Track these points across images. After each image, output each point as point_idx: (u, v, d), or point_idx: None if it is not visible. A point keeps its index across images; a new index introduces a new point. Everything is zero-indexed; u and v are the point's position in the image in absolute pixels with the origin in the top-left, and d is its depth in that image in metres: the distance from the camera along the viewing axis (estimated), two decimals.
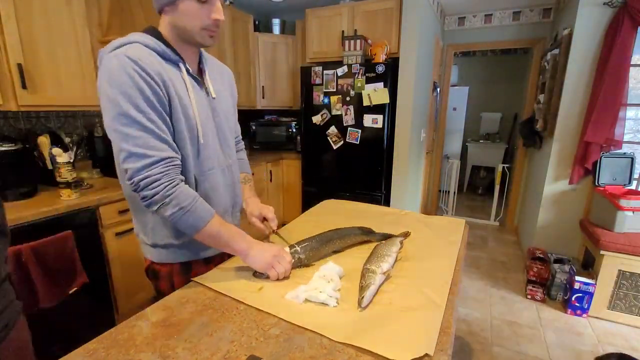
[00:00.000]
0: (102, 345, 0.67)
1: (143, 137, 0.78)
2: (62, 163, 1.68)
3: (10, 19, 1.55)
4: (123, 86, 0.76)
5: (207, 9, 0.83)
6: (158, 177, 0.79)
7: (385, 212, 1.51)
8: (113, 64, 0.77)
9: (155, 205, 0.80)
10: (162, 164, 0.80)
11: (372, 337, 0.68)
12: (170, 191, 0.80)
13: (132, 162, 0.78)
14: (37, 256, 1.49)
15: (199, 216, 0.83)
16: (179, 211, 0.81)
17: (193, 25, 0.84)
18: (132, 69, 0.76)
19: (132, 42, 0.82)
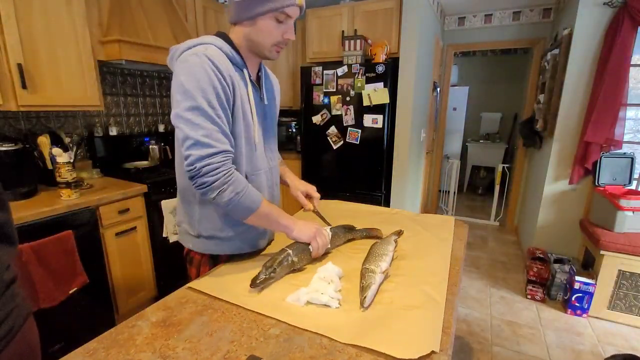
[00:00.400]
0: (102, 345, 0.67)
1: (210, 129, 0.84)
2: (62, 163, 1.68)
3: (10, 19, 1.55)
4: (200, 82, 0.83)
5: (282, 28, 0.91)
6: (219, 166, 0.85)
7: (376, 211, 1.51)
8: (194, 60, 0.84)
9: (214, 192, 0.86)
10: (222, 154, 0.86)
11: (377, 336, 0.68)
12: (229, 178, 0.86)
13: (197, 150, 0.83)
14: (38, 256, 1.49)
15: (253, 199, 0.91)
16: (235, 196, 0.87)
17: (266, 42, 0.92)
18: (210, 67, 0.84)
19: (209, 43, 0.89)
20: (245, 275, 0.92)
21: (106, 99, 2.33)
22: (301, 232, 0.98)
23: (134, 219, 1.96)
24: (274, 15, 0.88)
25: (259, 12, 0.88)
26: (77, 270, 1.65)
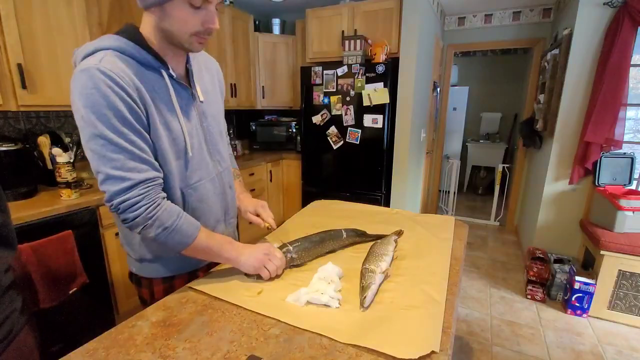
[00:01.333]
0: (102, 345, 0.67)
1: (120, 159, 0.72)
2: (62, 163, 1.68)
3: (10, 19, 1.55)
4: (97, 106, 0.69)
5: (200, 15, 0.74)
6: (138, 200, 0.74)
7: (376, 211, 1.51)
8: (85, 80, 0.69)
9: (138, 228, 0.76)
10: (141, 186, 0.75)
11: (377, 336, 0.68)
12: (152, 213, 0.75)
13: (109, 185, 0.73)
14: (38, 256, 1.48)
15: (185, 234, 0.80)
16: (163, 232, 0.77)
17: (182, 32, 0.76)
18: (106, 85, 0.69)
19: (106, 48, 0.74)
20: (245, 275, 0.92)
21: None
22: (247, 263, 0.87)
23: None
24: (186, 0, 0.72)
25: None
26: (77, 270, 1.64)
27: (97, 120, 0.70)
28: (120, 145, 0.72)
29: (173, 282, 0.96)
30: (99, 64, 0.70)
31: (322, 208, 1.55)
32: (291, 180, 3.41)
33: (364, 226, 1.23)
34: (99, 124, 0.70)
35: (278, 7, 3.47)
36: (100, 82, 0.69)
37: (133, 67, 0.75)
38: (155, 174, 0.78)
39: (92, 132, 0.71)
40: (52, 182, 1.78)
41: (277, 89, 3.46)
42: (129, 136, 0.73)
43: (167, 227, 0.77)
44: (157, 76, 0.80)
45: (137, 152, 0.74)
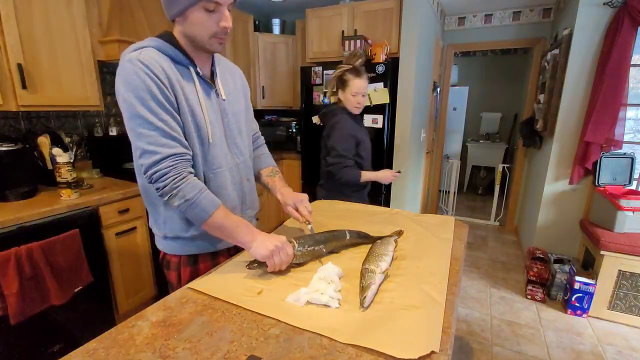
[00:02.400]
0: (102, 345, 0.67)
1: (154, 135, 0.84)
2: (62, 163, 1.68)
3: (10, 19, 1.55)
4: (136, 89, 0.83)
5: (215, 17, 0.87)
6: (166, 171, 0.85)
7: (376, 211, 1.51)
8: (127, 68, 0.83)
9: (165, 197, 0.87)
10: (170, 159, 0.85)
11: (377, 336, 0.68)
12: (178, 184, 0.86)
13: (145, 159, 0.85)
14: (46, 254, 1.50)
15: (203, 208, 0.88)
16: (184, 203, 0.87)
17: (202, 34, 0.89)
18: (143, 72, 0.83)
19: (146, 46, 0.89)
20: (245, 275, 0.93)
21: (106, 99, 2.33)
22: (257, 249, 0.90)
23: (134, 219, 1.96)
24: (202, 6, 0.84)
25: (186, 5, 0.84)
26: (84, 269, 1.66)
27: (136, 102, 0.83)
28: (154, 123, 0.84)
29: (198, 266, 1.05)
30: (139, 56, 0.84)
31: (324, 208, 1.55)
32: (291, 180, 3.41)
33: (365, 226, 1.24)
34: (137, 105, 0.83)
35: (278, 7, 3.47)
36: (139, 70, 0.83)
37: (166, 62, 0.89)
38: (183, 150, 0.89)
39: (132, 113, 0.84)
40: (52, 182, 1.78)
41: (277, 89, 3.46)
42: (162, 116, 0.85)
43: (188, 200, 0.87)
44: (186, 71, 0.93)
45: (168, 130, 0.86)
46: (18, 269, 1.41)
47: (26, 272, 1.43)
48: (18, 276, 1.40)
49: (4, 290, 1.38)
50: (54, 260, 1.53)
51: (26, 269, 1.43)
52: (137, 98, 0.83)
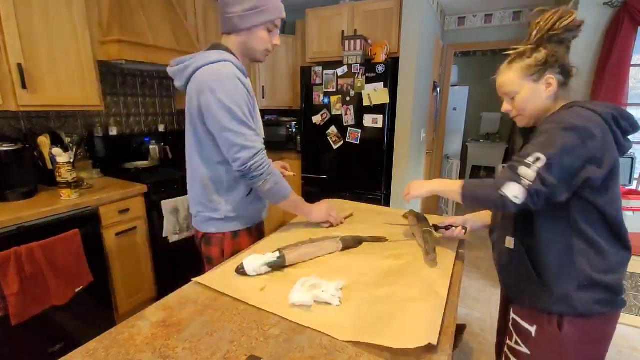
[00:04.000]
0: (102, 345, 0.67)
1: (250, 134, 1.03)
2: (62, 163, 1.68)
3: (10, 19, 1.55)
4: (236, 97, 1.01)
5: (271, 36, 1.11)
6: (262, 162, 1.05)
7: (383, 211, 1.52)
8: (227, 81, 1.00)
9: (260, 182, 1.06)
10: (262, 152, 1.06)
11: (376, 331, 0.69)
12: (270, 170, 1.07)
13: (244, 153, 1.02)
14: (47, 254, 1.50)
15: (286, 187, 1.14)
16: (275, 185, 1.09)
17: (261, 48, 1.11)
18: (239, 82, 1.02)
19: (227, 60, 1.04)
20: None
21: (106, 99, 2.33)
22: (317, 215, 1.27)
23: (134, 219, 1.96)
24: (266, 26, 1.07)
25: (255, 24, 1.05)
26: (84, 269, 1.66)
27: (237, 108, 1.01)
28: (248, 125, 1.04)
29: (239, 239, 1.21)
30: (233, 70, 1.02)
31: None
32: (291, 180, 3.39)
33: (368, 225, 1.25)
34: (238, 111, 1.01)
35: None
36: (236, 80, 1.02)
37: (241, 74, 1.06)
38: (263, 145, 1.09)
39: (232, 116, 1.00)
40: (52, 182, 1.78)
41: (277, 89, 3.46)
42: (250, 118, 1.05)
43: (278, 182, 1.10)
44: (247, 82, 1.10)
45: (256, 129, 1.07)
46: (18, 269, 1.40)
47: (26, 272, 1.43)
48: (18, 276, 1.40)
49: (5, 291, 1.38)
50: (54, 260, 1.53)
51: (26, 269, 1.43)
52: (237, 105, 1.00)
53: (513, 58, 0.93)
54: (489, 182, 0.89)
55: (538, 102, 0.92)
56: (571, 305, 0.86)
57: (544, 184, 0.79)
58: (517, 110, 0.96)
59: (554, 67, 0.88)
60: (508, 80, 0.94)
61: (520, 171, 0.81)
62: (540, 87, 0.90)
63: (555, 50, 0.88)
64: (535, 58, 0.89)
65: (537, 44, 0.90)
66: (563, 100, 0.91)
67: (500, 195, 0.83)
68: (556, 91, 0.90)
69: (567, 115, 0.83)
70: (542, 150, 0.80)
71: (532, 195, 0.80)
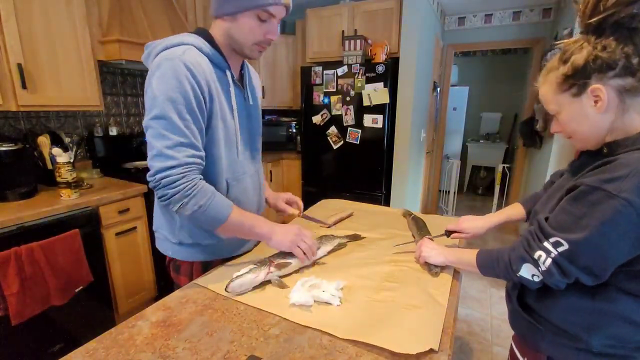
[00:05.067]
0: (102, 345, 0.67)
1: (175, 140, 0.81)
2: (62, 163, 1.68)
3: (10, 19, 1.55)
4: (172, 90, 0.79)
5: (264, 27, 0.87)
6: (178, 178, 0.81)
7: (385, 211, 1.52)
8: (168, 66, 0.80)
9: (175, 205, 0.82)
10: (184, 167, 0.82)
11: (376, 332, 0.69)
12: (190, 191, 0.82)
13: (158, 161, 0.81)
14: (47, 254, 1.50)
15: (218, 211, 0.86)
16: (198, 209, 0.83)
17: (247, 40, 0.88)
18: (184, 74, 0.80)
19: (188, 44, 0.85)
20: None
21: (106, 99, 2.33)
22: (280, 241, 0.92)
23: (134, 219, 1.96)
24: (256, 13, 0.84)
25: (240, 8, 0.83)
26: (84, 269, 1.66)
27: (167, 103, 0.79)
28: (179, 128, 0.81)
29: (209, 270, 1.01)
30: (182, 56, 0.81)
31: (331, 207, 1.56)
32: (291, 180, 3.41)
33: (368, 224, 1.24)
34: (167, 106, 0.79)
35: None
36: (180, 70, 0.79)
37: (206, 64, 0.86)
38: (198, 160, 0.85)
39: (159, 112, 0.80)
40: (52, 182, 1.78)
41: (277, 89, 3.46)
42: (188, 123, 0.82)
43: (202, 205, 0.83)
44: (223, 75, 0.91)
45: (191, 137, 0.83)
46: (18, 269, 1.40)
47: (26, 272, 1.43)
48: (18, 276, 1.40)
49: (5, 291, 1.38)
50: (54, 260, 1.53)
51: (26, 269, 1.43)
52: (170, 100, 0.79)
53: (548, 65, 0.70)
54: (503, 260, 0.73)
55: (587, 123, 0.66)
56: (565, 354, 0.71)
57: (566, 274, 0.63)
58: (566, 132, 0.73)
59: (604, 71, 0.60)
60: (543, 97, 0.72)
61: (536, 255, 0.66)
62: (585, 103, 0.64)
63: (603, 45, 0.60)
64: (572, 64, 0.63)
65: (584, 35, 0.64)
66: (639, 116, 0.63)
67: (518, 278, 0.70)
68: (618, 103, 0.62)
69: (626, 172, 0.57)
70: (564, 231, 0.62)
71: (550, 281, 0.66)
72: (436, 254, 0.95)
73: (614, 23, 0.59)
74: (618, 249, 0.58)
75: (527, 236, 0.69)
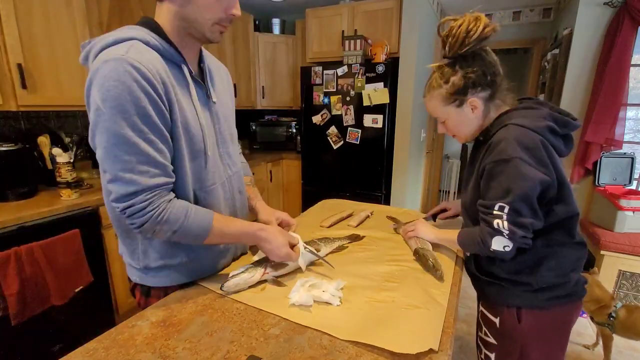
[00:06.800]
0: (102, 345, 0.67)
1: (132, 161, 0.67)
2: (62, 163, 1.68)
3: (10, 19, 1.55)
4: (118, 99, 0.64)
5: (225, 2, 0.75)
6: (144, 206, 0.70)
7: (384, 210, 1.52)
8: (110, 70, 0.64)
9: (148, 233, 0.74)
10: (148, 192, 0.70)
11: (376, 333, 0.69)
12: (160, 217, 0.71)
13: (117, 187, 0.69)
14: (47, 254, 1.50)
15: (197, 230, 0.77)
16: (173, 234, 0.75)
17: (206, 19, 0.74)
18: (132, 77, 0.65)
19: (130, 39, 0.70)
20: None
21: None
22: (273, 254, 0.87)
23: None
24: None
25: None
26: (84, 269, 1.66)
27: (117, 115, 0.65)
28: (136, 145, 0.67)
29: None
30: (125, 55, 0.65)
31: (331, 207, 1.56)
32: (291, 180, 3.41)
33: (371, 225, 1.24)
34: (117, 119, 0.65)
35: (278, 7, 3.47)
36: (126, 75, 0.65)
37: (158, 60, 0.72)
38: (166, 180, 0.73)
39: (108, 128, 0.65)
40: (52, 182, 1.78)
41: (277, 89, 3.46)
42: (148, 135, 0.69)
43: (176, 230, 0.74)
44: (179, 71, 0.78)
45: (153, 153, 0.70)
46: (18, 269, 1.41)
47: (26, 272, 1.43)
48: (18, 276, 1.40)
49: (5, 291, 1.38)
50: (54, 260, 1.53)
51: (26, 269, 1.43)
52: (118, 111, 0.64)
53: (431, 84, 0.92)
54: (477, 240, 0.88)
55: (468, 124, 0.93)
56: (528, 299, 0.90)
57: (522, 226, 0.81)
58: (450, 132, 0.98)
59: (475, 88, 0.87)
60: (432, 108, 0.95)
61: (495, 224, 0.83)
62: (466, 111, 0.90)
63: (471, 70, 0.85)
64: (452, 84, 0.87)
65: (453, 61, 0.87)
66: (495, 111, 0.91)
67: (492, 252, 0.86)
68: (484, 108, 0.89)
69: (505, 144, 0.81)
70: (500, 198, 0.81)
71: (518, 240, 0.82)
72: (429, 232, 1.09)
73: (472, 53, 0.85)
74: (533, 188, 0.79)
75: (482, 217, 0.87)
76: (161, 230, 0.73)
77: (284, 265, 0.92)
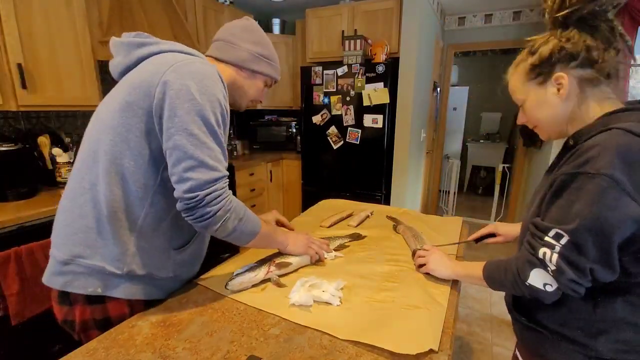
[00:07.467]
0: (102, 345, 0.67)
1: (216, 150, 0.75)
2: (62, 163, 1.69)
3: (10, 19, 1.55)
4: (215, 95, 0.75)
5: (263, 91, 0.99)
6: (221, 193, 0.75)
7: (384, 210, 1.52)
8: (207, 70, 0.76)
9: (217, 223, 0.75)
10: (224, 180, 0.77)
11: (376, 333, 0.69)
12: (230, 205, 0.77)
13: (201, 173, 0.71)
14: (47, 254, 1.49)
15: (254, 221, 0.84)
16: (239, 223, 0.79)
17: (248, 95, 0.96)
18: (221, 90, 0.78)
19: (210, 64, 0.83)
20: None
21: None
22: (295, 245, 0.98)
23: None
24: (265, 80, 0.96)
25: (261, 71, 0.93)
26: None
27: (208, 107, 0.73)
28: (219, 137, 0.77)
29: None
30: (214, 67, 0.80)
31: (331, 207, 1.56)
32: (291, 180, 3.41)
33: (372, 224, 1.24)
34: (209, 111, 0.73)
35: (278, 7, 3.47)
36: (219, 83, 0.78)
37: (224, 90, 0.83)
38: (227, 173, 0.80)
39: (201, 117, 0.72)
40: (52, 182, 1.78)
41: (277, 89, 3.46)
42: (222, 131, 0.79)
43: (242, 218, 0.80)
44: None
45: (224, 148, 0.80)
46: (18, 269, 1.40)
47: (26, 272, 1.43)
48: (18, 276, 1.40)
49: (5, 291, 1.38)
50: None
51: (26, 269, 1.43)
52: (211, 104, 0.74)
53: (517, 59, 0.75)
54: (510, 269, 0.69)
55: (550, 110, 0.69)
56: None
57: (577, 268, 0.58)
58: (530, 122, 0.77)
59: (568, 61, 0.64)
60: (513, 87, 0.77)
61: (540, 253, 0.62)
62: (549, 90, 0.68)
63: (569, 37, 0.64)
64: (539, 55, 0.67)
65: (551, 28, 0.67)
66: (597, 104, 0.66)
67: (528, 287, 0.65)
68: (578, 92, 0.66)
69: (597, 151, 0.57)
70: (561, 223, 0.59)
71: (565, 283, 0.60)
72: (443, 269, 0.91)
73: (578, 18, 0.63)
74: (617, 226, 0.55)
75: (528, 240, 0.66)
76: (230, 218, 0.77)
77: (288, 264, 0.94)
